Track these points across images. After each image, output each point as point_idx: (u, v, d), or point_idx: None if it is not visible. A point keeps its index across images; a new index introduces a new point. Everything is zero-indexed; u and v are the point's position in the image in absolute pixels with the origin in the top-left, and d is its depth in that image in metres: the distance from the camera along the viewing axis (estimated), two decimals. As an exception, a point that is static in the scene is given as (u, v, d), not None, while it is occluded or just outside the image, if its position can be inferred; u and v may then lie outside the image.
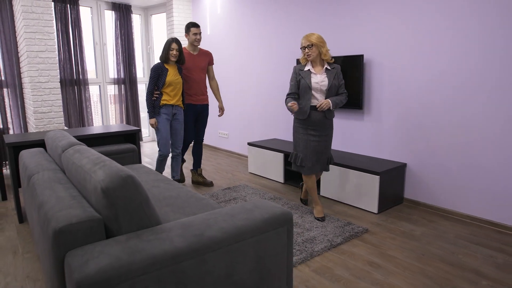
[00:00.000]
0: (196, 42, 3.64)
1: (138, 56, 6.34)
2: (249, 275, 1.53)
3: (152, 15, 6.36)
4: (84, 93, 5.48)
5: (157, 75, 3.38)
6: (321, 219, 2.90)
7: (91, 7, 5.64)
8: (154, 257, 1.26)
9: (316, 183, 2.98)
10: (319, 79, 2.76)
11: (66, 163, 1.89)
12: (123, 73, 6.00)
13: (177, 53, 3.37)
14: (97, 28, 5.73)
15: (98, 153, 1.77)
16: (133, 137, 3.65)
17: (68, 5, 5.15)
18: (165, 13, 6.11)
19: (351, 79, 3.49)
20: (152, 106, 3.44)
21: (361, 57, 3.40)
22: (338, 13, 3.68)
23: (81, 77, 5.40)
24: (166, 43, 3.39)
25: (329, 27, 3.79)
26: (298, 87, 2.83)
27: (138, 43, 6.38)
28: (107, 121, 6.04)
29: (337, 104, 2.78)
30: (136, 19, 6.33)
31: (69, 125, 5.36)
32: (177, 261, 1.31)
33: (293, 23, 4.21)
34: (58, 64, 4.69)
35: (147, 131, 6.83)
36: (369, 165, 3.22)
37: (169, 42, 3.37)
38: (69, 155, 1.88)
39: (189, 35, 3.65)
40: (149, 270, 1.25)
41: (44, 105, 4.20)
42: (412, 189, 3.27)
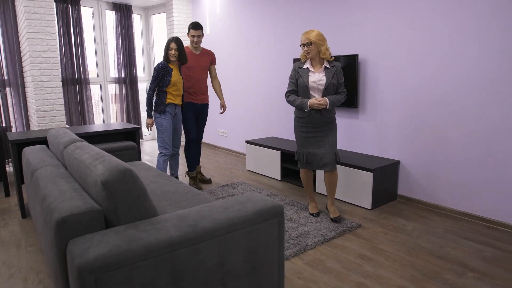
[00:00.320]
0: (194, 44, 3.64)
1: (138, 55, 6.43)
2: (242, 264, 1.61)
3: (152, 15, 6.44)
4: (85, 92, 5.56)
5: (162, 74, 3.32)
6: (315, 215, 2.98)
7: (92, 7, 5.73)
8: (150, 246, 1.34)
9: (312, 181, 3.01)
10: (317, 78, 2.73)
11: (68, 159, 1.97)
12: (123, 73, 6.08)
13: (176, 53, 3.30)
14: (98, 28, 5.81)
15: (98, 149, 1.85)
16: (133, 135, 3.73)
17: (69, 5, 5.24)
18: (165, 13, 6.19)
19: (346, 78, 3.56)
20: (151, 105, 3.41)
21: (356, 57, 3.48)
22: (335, 13, 3.76)
23: (82, 76, 5.49)
24: (166, 43, 3.36)
25: (326, 26, 3.87)
26: (297, 84, 2.83)
27: (138, 43, 6.46)
28: (108, 119, 6.13)
29: (334, 103, 2.75)
30: (136, 19, 6.41)
31: (70, 124, 5.45)
32: (172, 249, 1.39)
33: (291, 23, 4.28)
34: (60, 63, 4.78)
35: (147, 129, 6.88)
36: (363, 162, 3.29)
37: (169, 41, 3.33)
38: (70, 151, 1.97)
39: (188, 36, 3.68)
40: (146, 257, 1.33)
41: (46, 104, 4.29)
42: (405, 186, 3.35)
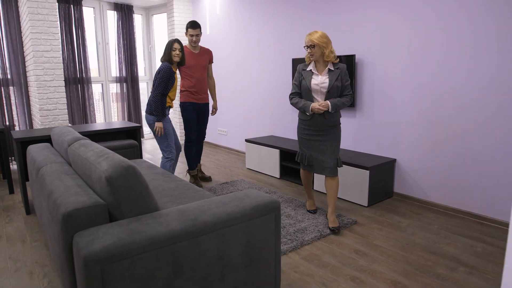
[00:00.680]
0: (193, 43, 3.65)
1: (139, 55, 6.49)
2: (239, 257, 1.68)
3: (153, 15, 6.51)
4: (87, 91, 5.63)
5: (168, 77, 3.21)
6: (313, 212, 3.04)
7: (94, 8, 5.79)
8: (152, 238, 1.41)
9: (311, 181, 3.01)
10: (320, 81, 2.67)
11: (72, 156, 2.04)
12: (125, 72, 6.15)
13: (180, 53, 3.26)
14: (99, 28, 5.88)
15: (101, 147, 1.92)
16: (135, 134, 3.80)
17: (71, 6, 5.30)
18: (166, 13, 6.25)
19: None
20: (162, 109, 3.26)
21: (353, 57, 3.54)
22: (333, 14, 3.82)
23: (84, 76, 5.56)
24: (167, 44, 3.29)
25: (324, 27, 3.93)
26: (300, 87, 2.78)
27: (139, 43, 6.53)
28: (110, 118, 6.20)
29: (337, 106, 2.66)
30: (137, 19, 6.47)
31: (72, 122, 5.52)
32: (173, 242, 1.46)
33: (290, 23, 4.35)
34: (62, 63, 4.84)
35: (148, 128, 6.96)
36: (360, 160, 3.36)
37: (171, 42, 3.27)
38: (75, 148, 2.04)
39: (186, 35, 3.69)
40: (148, 249, 1.40)
41: (49, 103, 4.37)
42: (401, 183, 3.42)
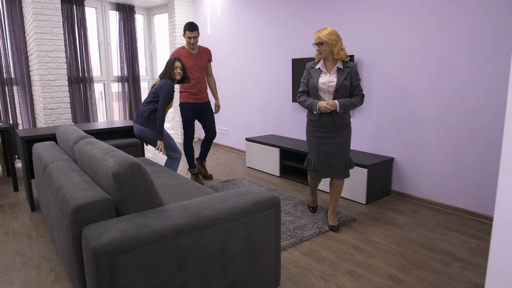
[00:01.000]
0: (191, 45, 3.68)
1: (141, 55, 6.55)
2: (241, 251, 1.75)
3: (154, 15, 6.57)
4: (89, 90, 5.69)
5: (172, 94, 3.17)
6: (312, 209, 3.09)
7: (96, 8, 5.85)
8: (157, 232, 1.48)
9: (318, 185, 2.96)
10: (327, 79, 2.57)
11: (78, 154, 2.10)
12: (126, 71, 6.21)
13: (181, 71, 3.26)
14: (101, 27, 5.94)
15: (107, 144, 1.98)
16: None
17: (74, 6, 5.36)
18: (167, 14, 6.31)
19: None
20: (163, 125, 3.20)
21: (352, 57, 3.60)
22: (333, 14, 3.88)
23: (86, 75, 5.62)
24: (169, 62, 3.26)
25: (323, 27, 3.98)
26: (308, 85, 2.69)
27: (141, 43, 6.59)
28: (111, 117, 6.26)
29: (346, 106, 2.55)
30: (139, 19, 6.53)
31: (75, 121, 5.58)
32: (177, 235, 1.52)
33: (289, 24, 4.41)
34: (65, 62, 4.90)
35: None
36: (359, 159, 3.42)
37: (172, 61, 3.25)
38: (81, 146, 2.10)
39: (184, 37, 3.70)
40: (153, 242, 1.46)
41: (53, 102, 4.43)
42: (399, 181, 3.48)
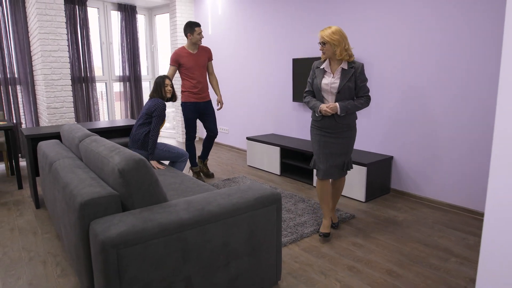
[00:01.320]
0: (199, 41, 3.73)
1: (142, 54, 6.60)
2: (243, 246, 1.80)
3: (156, 16, 6.61)
4: (91, 90, 5.74)
5: (164, 114, 3.16)
6: (324, 235, 2.54)
7: (98, 8, 5.90)
8: (163, 225, 1.52)
9: (329, 193, 2.65)
10: (330, 80, 2.47)
11: (84, 151, 2.15)
12: (128, 71, 6.26)
13: (171, 89, 3.28)
14: (103, 28, 5.99)
15: (112, 142, 2.03)
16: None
17: (76, 6, 5.41)
18: (168, 14, 6.36)
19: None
20: (155, 147, 3.18)
21: (352, 57, 3.65)
22: (333, 14, 3.93)
23: (88, 75, 5.67)
24: (158, 81, 3.23)
25: (324, 27, 4.03)
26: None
27: (142, 42, 6.64)
28: (113, 116, 6.31)
29: (348, 109, 2.43)
30: (140, 19, 6.58)
31: (77, 120, 5.63)
32: (181, 230, 1.57)
33: (290, 24, 4.45)
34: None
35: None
36: (358, 157, 3.47)
37: (162, 79, 3.23)
38: (86, 144, 2.15)
39: (193, 35, 3.69)
40: (159, 236, 1.51)
41: (56, 101, 4.48)
42: (398, 180, 3.53)
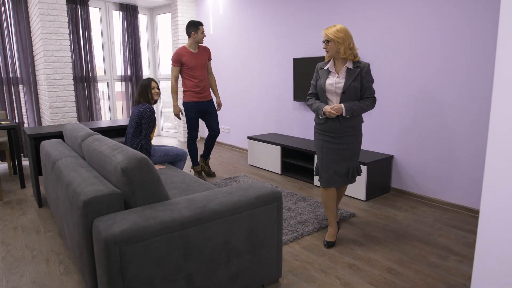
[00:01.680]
0: (202, 40, 3.79)
1: (144, 54, 6.63)
2: (244, 243, 1.81)
3: (157, 15, 6.64)
4: (93, 89, 5.77)
5: (154, 119, 3.11)
6: (329, 244, 2.48)
7: (99, 8, 5.93)
8: (165, 223, 1.55)
9: (335, 201, 2.53)
10: (335, 81, 2.36)
11: (86, 150, 2.17)
12: (129, 71, 6.29)
13: (158, 91, 3.19)
14: (105, 27, 6.02)
15: (114, 141, 2.05)
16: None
17: (78, 6, 5.44)
18: (169, 14, 6.38)
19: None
20: (150, 150, 3.17)
21: (352, 57, 3.66)
22: (333, 14, 3.94)
23: (90, 75, 5.69)
24: (144, 85, 3.14)
25: (324, 27, 4.04)
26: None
27: (144, 42, 6.66)
28: (115, 116, 6.34)
29: (354, 110, 2.33)
30: (142, 19, 6.60)
31: (79, 120, 5.66)
32: (183, 227, 1.59)
33: (290, 23, 4.47)
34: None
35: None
36: (359, 156, 3.48)
37: (147, 82, 3.14)
38: (89, 143, 2.17)
39: (197, 33, 3.74)
40: (161, 233, 1.53)
41: (58, 101, 4.51)
42: (398, 179, 3.54)
